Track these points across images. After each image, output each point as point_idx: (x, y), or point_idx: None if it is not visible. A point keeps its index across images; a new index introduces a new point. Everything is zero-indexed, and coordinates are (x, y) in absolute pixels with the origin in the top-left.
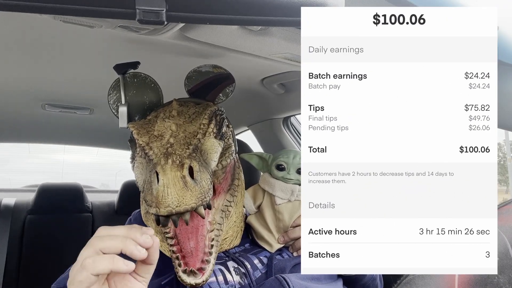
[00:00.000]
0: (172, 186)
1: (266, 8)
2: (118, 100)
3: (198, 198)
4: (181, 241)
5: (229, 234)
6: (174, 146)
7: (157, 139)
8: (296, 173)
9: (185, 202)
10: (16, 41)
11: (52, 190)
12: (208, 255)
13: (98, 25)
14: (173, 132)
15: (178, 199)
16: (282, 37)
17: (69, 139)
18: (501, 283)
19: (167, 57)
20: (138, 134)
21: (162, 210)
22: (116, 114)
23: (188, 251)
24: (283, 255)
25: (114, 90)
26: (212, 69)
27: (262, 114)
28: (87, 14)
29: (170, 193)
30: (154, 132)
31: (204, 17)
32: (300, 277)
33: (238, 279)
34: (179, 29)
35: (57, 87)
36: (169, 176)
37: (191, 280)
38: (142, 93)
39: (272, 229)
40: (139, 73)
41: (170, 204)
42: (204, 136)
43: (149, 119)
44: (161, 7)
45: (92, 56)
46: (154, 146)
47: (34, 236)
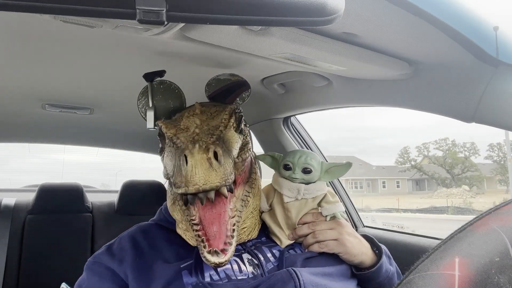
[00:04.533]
0: (199, 166)
1: (266, 8)
2: (146, 104)
3: (222, 179)
4: (206, 226)
5: (247, 224)
6: (199, 135)
7: (184, 131)
8: (302, 172)
9: (210, 181)
10: (16, 41)
11: (52, 190)
12: (230, 238)
13: (98, 25)
14: (197, 125)
15: (205, 178)
16: (282, 37)
17: (69, 139)
18: (501, 283)
19: (167, 57)
20: (166, 127)
21: (190, 188)
22: (144, 117)
23: (212, 235)
24: (296, 250)
25: (143, 96)
26: (230, 77)
27: (262, 114)
28: (87, 14)
29: (198, 173)
30: (180, 126)
31: (204, 17)
32: (311, 272)
33: (251, 269)
34: (179, 29)
35: (57, 87)
36: (196, 158)
37: (215, 259)
38: (167, 98)
39: (283, 225)
40: (164, 81)
41: (198, 182)
42: (225, 128)
43: (174, 118)
44: (161, 7)
45: (92, 56)
46: (181, 136)
47: (34, 236)
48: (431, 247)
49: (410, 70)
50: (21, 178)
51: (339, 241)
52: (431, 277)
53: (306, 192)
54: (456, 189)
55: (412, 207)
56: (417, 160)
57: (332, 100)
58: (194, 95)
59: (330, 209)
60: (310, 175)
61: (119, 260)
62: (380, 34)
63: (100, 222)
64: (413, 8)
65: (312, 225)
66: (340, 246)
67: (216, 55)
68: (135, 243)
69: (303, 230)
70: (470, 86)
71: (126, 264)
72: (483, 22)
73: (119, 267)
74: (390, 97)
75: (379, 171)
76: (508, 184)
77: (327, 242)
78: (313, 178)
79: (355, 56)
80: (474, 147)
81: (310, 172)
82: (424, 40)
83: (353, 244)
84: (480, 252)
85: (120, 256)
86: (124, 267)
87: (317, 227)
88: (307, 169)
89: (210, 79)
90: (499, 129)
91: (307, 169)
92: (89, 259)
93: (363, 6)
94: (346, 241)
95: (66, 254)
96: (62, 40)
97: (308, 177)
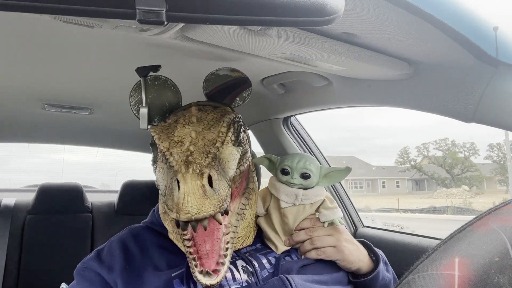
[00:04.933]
0: (192, 195)
1: (266, 8)
2: (139, 101)
3: (216, 206)
4: (198, 243)
5: (242, 234)
6: (194, 155)
7: (177, 145)
8: (300, 177)
9: (204, 210)
10: (16, 41)
11: (52, 190)
12: (223, 257)
13: (98, 25)
14: (192, 139)
15: (198, 206)
16: (282, 37)
17: (69, 139)
18: (501, 283)
19: (167, 57)
20: (159, 139)
21: (182, 216)
22: (137, 115)
23: (204, 253)
24: (292, 257)
25: (135, 92)
26: (230, 73)
27: (262, 114)
28: (87, 14)
29: (190, 201)
30: (174, 138)
31: (204, 17)
32: (305, 278)
33: (246, 277)
34: (179, 29)
35: (57, 87)
36: (189, 185)
37: (206, 281)
38: (162, 95)
39: (279, 231)
40: (159, 76)
41: (190, 211)
42: (222, 144)
43: (169, 123)
44: (161, 7)
45: (92, 56)
46: (175, 153)
47: (34, 236)
48: (431, 247)
49: (410, 70)
50: (21, 178)
51: (337, 248)
52: (431, 277)
53: (304, 197)
54: (455, 189)
55: (412, 207)
56: (417, 160)
57: (332, 100)
58: (193, 94)
59: (329, 215)
60: (309, 180)
61: (108, 267)
62: (380, 34)
63: (100, 222)
64: (413, 8)
65: (310, 231)
66: (338, 253)
67: (216, 55)
68: (125, 249)
69: (300, 236)
70: (470, 86)
71: (116, 272)
72: (483, 22)
73: (108, 275)
74: (390, 97)
75: (379, 171)
76: (508, 184)
77: (325, 249)
78: (311, 184)
79: (355, 56)
80: (474, 147)
81: (308, 178)
82: (424, 40)
83: (350, 251)
84: (480, 252)
85: (110, 263)
86: (114, 276)
87: (314, 233)
88: (305, 174)
89: (208, 74)
90: (499, 129)
91: (305, 174)
92: (78, 265)
93: (363, 6)
94: (344, 248)
95: (66, 254)
96: (62, 40)
97: (306, 183)
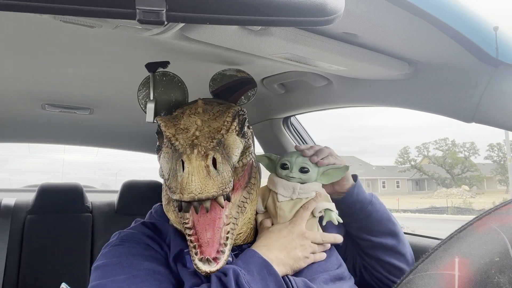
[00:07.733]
0: (196, 174)
1: (266, 8)
2: (146, 96)
3: (219, 188)
4: (199, 231)
5: (243, 230)
6: (199, 138)
7: (183, 132)
8: (299, 171)
9: (207, 190)
10: (16, 41)
11: (52, 190)
12: (223, 246)
13: (98, 25)
14: (198, 126)
15: (201, 186)
16: (282, 37)
17: (69, 139)
18: (501, 283)
19: (167, 57)
20: (166, 126)
21: (185, 196)
22: (144, 109)
23: (204, 241)
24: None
25: (144, 87)
26: (236, 73)
27: (262, 114)
28: (87, 14)
29: (194, 181)
30: (180, 126)
31: (204, 17)
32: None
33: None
34: (179, 29)
35: (57, 87)
36: (194, 165)
37: (206, 268)
38: (169, 91)
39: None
40: (167, 72)
41: (193, 191)
42: (227, 132)
43: (175, 115)
44: (161, 7)
45: (92, 56)
46: (180, 138)
47: (34, 236)
48: (431, 247)
49: (410, 70)
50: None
51: (337, 160)
52: (431, 277)
53: (301, 191)
54: (456, 189)
55: (412, 207)
56: (417, 160)
57: (332, 100)
58: (193, 94)
59: (322, 205)
60: (307, 175)
61: (157, 243)
62: (380, 34)
63: (100, 222)
64: (413, 8)
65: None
66: (336, 159)
67: (216, 55)
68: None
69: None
70: (470, 86)
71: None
72: (483, 22)
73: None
74: (390, 97)
75: (379, 171)
76: (508, 184)
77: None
78: (310, 179)
79: (355, 56)
80: (474, 147)
81: (307, 172)
82: (424, 40)
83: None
84: (480, 252)
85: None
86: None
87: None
88: (304, 169)
89: (215, 73)
90: (499, 129)
91: (304, 169)
92: (117, 235)
93: (363, 6)
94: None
95: (66, 254)
96: (62, 40)
97: (305, 177)
